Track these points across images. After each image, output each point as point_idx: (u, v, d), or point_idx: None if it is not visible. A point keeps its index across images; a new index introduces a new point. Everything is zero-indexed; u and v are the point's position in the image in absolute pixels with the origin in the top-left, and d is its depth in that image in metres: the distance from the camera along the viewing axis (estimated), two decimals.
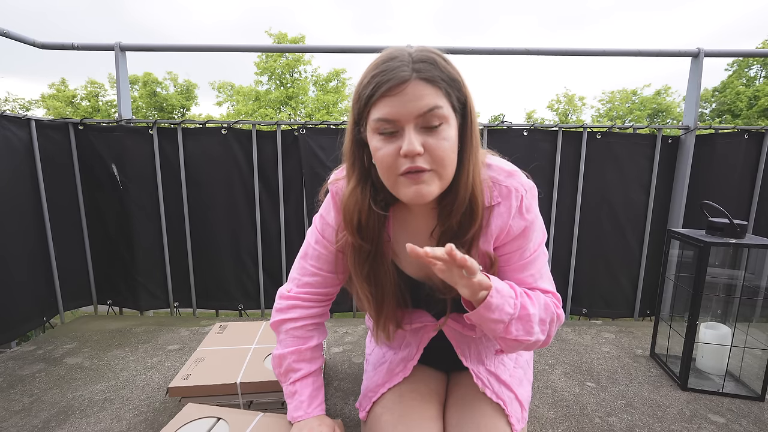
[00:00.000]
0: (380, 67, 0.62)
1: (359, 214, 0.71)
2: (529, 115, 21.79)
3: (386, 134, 0.63)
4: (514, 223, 0.71)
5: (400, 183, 0.65)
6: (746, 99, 16.55)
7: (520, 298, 0.68)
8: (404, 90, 0.61)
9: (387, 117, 0.62)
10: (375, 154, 0.66)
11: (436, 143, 0.62)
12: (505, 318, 0.66)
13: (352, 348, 1.55)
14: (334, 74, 17.79)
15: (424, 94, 0.61)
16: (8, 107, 17.74)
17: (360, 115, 0.67)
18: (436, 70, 0.62)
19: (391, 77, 0.61)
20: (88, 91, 19.64)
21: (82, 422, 1.10)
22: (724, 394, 1.24)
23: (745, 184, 1.88)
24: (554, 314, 0.72)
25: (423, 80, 0.61)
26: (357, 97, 0.66)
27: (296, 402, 0.81)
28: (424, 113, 0.61)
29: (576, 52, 1.92)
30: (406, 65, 0.61)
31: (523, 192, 0.71)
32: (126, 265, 1.92)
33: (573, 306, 2.00)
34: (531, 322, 0.68)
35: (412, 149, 0.61)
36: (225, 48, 2.02)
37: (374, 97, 0.62)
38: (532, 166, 1.83)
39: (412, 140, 0.61)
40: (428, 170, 0.63)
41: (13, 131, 1.60)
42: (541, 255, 0.76)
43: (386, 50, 0.65)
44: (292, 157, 1.89)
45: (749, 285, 1.26)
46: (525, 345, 0.70)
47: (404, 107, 0.61)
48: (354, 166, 0.72)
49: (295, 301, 0.84)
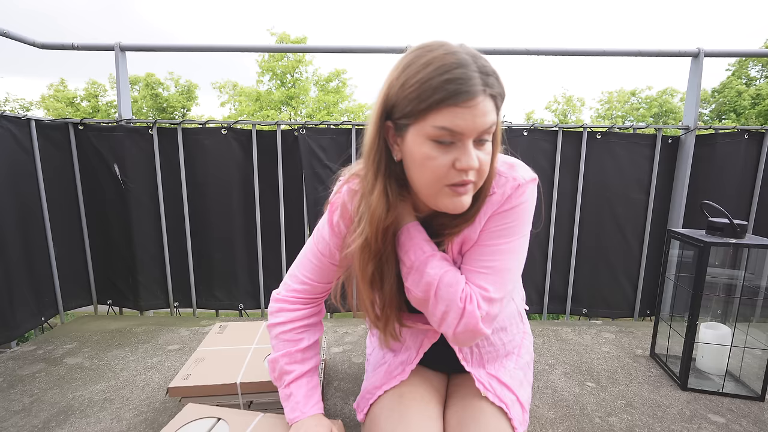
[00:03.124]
0: (452, 73, 0.58)
1: (387, 212, 0.69)
2: (528, 115, 21.78)
3: (442, 144, 0.61)
4: (502, 207, 0.72)
5: (444, 193, 0.64)
6: (749, 98, 16.51)
7: (433, 260, 0.70)
8: (477, 105, 0.59)
9: (452, 128, 0.59)
10: (423, 162, 0.63)
11: (484, 158, 0.63)
12: (406, 261, 0.72)
13: (352, 348, 1.55)
14: (334, 74, 17.79)
15: (489, 111, 0.60)
16: (8, 107, 17.73)
17: (409, 115, 0.62)
18: (499, 86, 0.62)
19: (467, 89, 0.58)
20: (88, 92, 19.65)
21: (82, 422, 1.10)
22: (724, 394, 1.24)
23: (745, 184, 1.88)
24: (459, 307, 0.68)
25: (490, 96, 0.60)
26: (416, 95, 0.60)
27: (292, 403, 0.81)
28: (486, 130, 0.61)
29: (576, 52, 1.92)
30: (477, 77, 0.59)
31: (521, 181, 0.71)
32: (126, 265, 1.92)
33: (573, 306, 2.00)
34: (429, 286, 0.70)
35: (473, 165, 0.61)
36: (226, 48, 2.02)
37: (444, 104, 0.59)
38: (532, 165, 1.84)
39: (474, 156, 0.61)
40: (472, 183, 0.65)
41: (13, 131, 1.60)
42: (512, 251, 0.72)
43: (445, 49, 0.60)
44: (292, 157, 1.89)
45: (749, 285, 1.26)
46: (425, 309, 0.73)
47: (473, 122, 0.59)
48: (379, 163, 0.68)
49: (281, 303, 0.85)
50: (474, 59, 0.60)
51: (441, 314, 0.70)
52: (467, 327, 0.69)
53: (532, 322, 1.67)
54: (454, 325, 0.69)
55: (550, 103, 21.53)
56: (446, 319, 0.70)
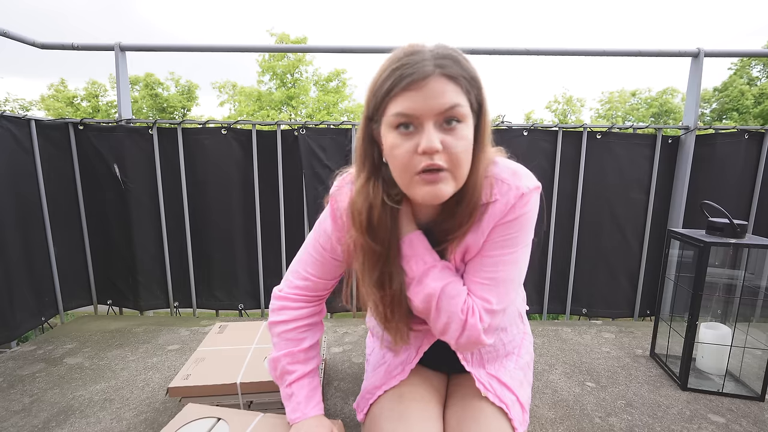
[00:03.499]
0: (402, 60, 0.60)
1: (370, 211, 0.69)
2: (527, 115, 21.78)
3: (403, 130, 0.62)
4: (505, 217, 0.70)
5: (416, 182, 0.63)
6: (752, 97, 16.49)
7: (434, 271, 0.71)
8: (426, 85, 0.59)
9: (406, 112, 0.60)
10: (391, 152, 0.64)
11: (454, 142, 0.61)
12: (408, 271, 0.72)
13: (352, 348, 1.55)
14: (334, 74, 17.78)
15: (446, 91, 0.59)
16: (8, 107, 17.73)
17: (376, 110, 0.64)
18: (459, 68, 0.61)
19: (413, 71, 0.59)
20: (88, 92, 19.64)
21: (82, 422, 1.10)
22: (724, 394, 1.24)
23: (745, 184, 1.88)
24: (461, 319, 0.69)
25: (445, 76, 0.60)
26: (374, 91, 0.64)
27: (293, 404, 0.81)
28: (444, 110, 0.60)
29: (576, 52, 1.92)
30: (428, 60, 0.60)
31: (525, 190, 0.69)
32: (126, 265, 1.92)
33: (573, 306, 2.00)
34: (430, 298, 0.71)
35: (432, 146, 0.59)
36: (226, 48, 2.02)
37: (394, 91, 0.60)
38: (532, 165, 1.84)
39: (432, 137, 0.59)
40: (445, 169, 0.62)
41: (13, 131, 1.60)
42: (514, 262, 0.72)
43: (405, 45, 0.63)
44: (292, 157, 1.89)
45: (749, 285, 1.26)
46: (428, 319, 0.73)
47: (425, 103, 0.59)
48: (365, 163, 0.70)
49: (284, 301, 0.84)
50: (431, 49, 0.61)
51: (443, 325, 0.71)
52: (470, 339, 0.70)
53: (532, 322, 1.67)
54: (456, 336, 0.70)
55: (551, 103, 21.53)
56: (448, 331, 0.71)
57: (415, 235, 0.73)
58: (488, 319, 0.70)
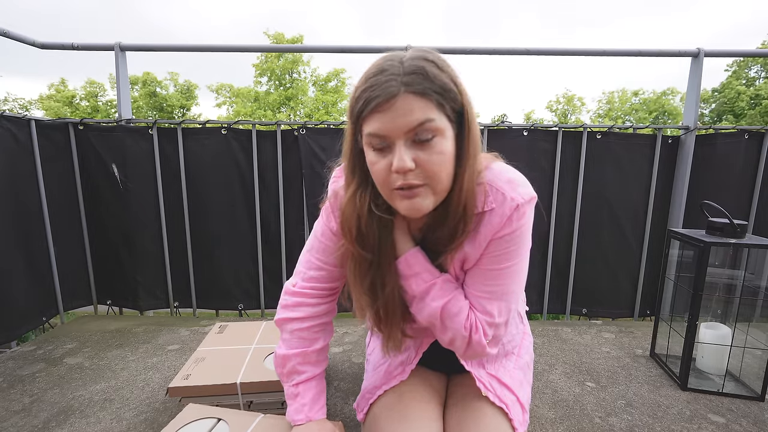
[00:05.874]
0: (370, 81, 0.61)
1: (358, 220, 0.70)
2: (527, 115, 21.77)
3: (378, 148, 0.62)
4: (502, 230, 0.69)
5: (395, 196, 0.64)
6: (747, 99, 16.51)
7: (434, 290, 0.71)
8: (393, 105, 0.59)
9: (377, 132, 0.61)
10: (371, 167, 0.65)
11: (428, 158, 0.61)
12: (408, 289, 0.73)
13: (352, 348, 1.55)
14: (333, 74, 17.79)
15: (414, 108, 0.59)
16: (8, 107, 17.72)
17: (355, 128, 0.66)
18: (427, 82, 0.60)
19: (379, 93, 0.59)
20: (88, 91, 19.63)
21: (82, 422, 1.10)
22: (724, 394, 1.24)
23: (745, 184, 1.88)
24: (465, 336, 0.71)
25: (412, 93, 0.59)
26: (350, 111, 0.65)
27: (298, 404, 0.80)
28: (413, 128, 0.60)
29: (576, 52, 1.92)
30: (395, 78, 0.59)
31: (520, 201, 0.68)
32: (126, 265, 1.92)
33: (573, 306, 2.00)
34: (433, 317, 0.72)
35: (402, 166, 0.60)
36: (225, 48, 2.02)
37: (364, 113, 0.61)
38: (532, 166, 1.84)
39: (403, 157, 0.60)
40: (421, 185, 0.62)
41: (13, 131, 1.60)
42: (514, 274, 0.72)
43: (379, 59, 0.63)
44: (292, 157, 1.89)
45: (749, 285, 1.26)
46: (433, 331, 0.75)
47: (393, 123, 0.59)
48: (354, 173, 0.70)
49: (300, 297, 0.82)
50: (402, 61, 0.60)
51: (449, 340, 0.73)
52: (475, 352, 0.73)
53: (532, 322, 1.67)
54: (462, 349, 0.73)
55: (551, 103, 21.55)
56: (454, 345, 0.74)
57: (410, 254, 0.72)
58: (492, 332, 0.72)
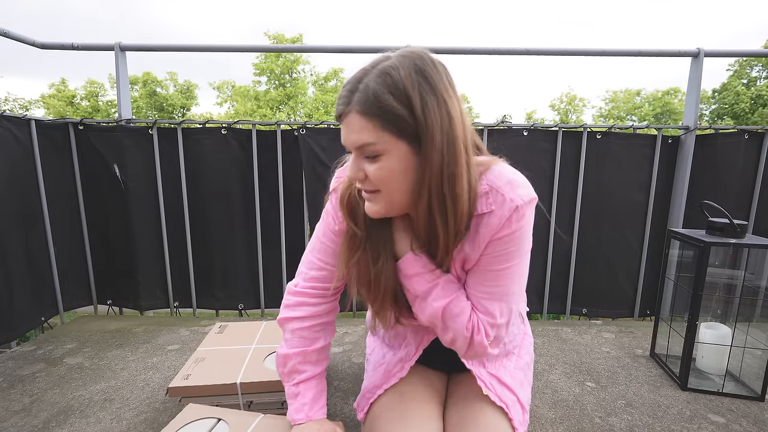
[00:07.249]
0: (341, 90, 0.65)
1: (350, 197, 0.73)
2: (529, 115, 21.77)
3: (349, 151, 0.67)
4: (501, 231, 0.69)
5: (361, 195, 0.70)
6: (748, 100, 16.48)
7: (435, 290, 0.72)
8: (344, 121, 0.64)
9: (341, 140, 0.66)
10: None
11: (373, 173, 0.64)
12: (410, 289, 0.73)
13: (352, 348, 1.55)
14: (332, 74, 17.78)
15: (358, 129, 0.62)
16: (8, 107, 17.72)
17: None
18: (375, 107, 0.60)
19: (337, 106, 0.65)
20: (88, 91, 19.64)
21: (82, 422, 1.10)
22: (724, 394, 1.24)
23: (745, 184, 1.88)
24: (467, 337, 0.71)
25: (358, 114, 0.61)
26: None
27: (298, 404, 0.80)
28: (358, 147, 0.64)
29: (576, 52, 1.92)
30: (348, 96, 0.62)
31: (520, 202, 0.67)
32: (126, 265, 1.92)
33: (573, 306, 2.00)
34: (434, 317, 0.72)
35: (352, 176, 0.67)
36: (225, 48, 2.02)
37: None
38: (532, 166, 1.84)
39: (353, 167, 0.66)
40: (375, 191, 0.67)
41: (13, 131, 1.60)
42: (514, 275, 0.72)
43: (362, 65, 0.65)
44: (292, 157, 1.89)
45: (749, 285, 1.26)
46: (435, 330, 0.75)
47: (346, 136, 0.64)
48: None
49: (302, 297, 0.83)
50: (366, 75, 0.61)
51: (450, 339, 0.73)
52: (477, 352, 0.73)
53: (532, 322, 1.67)
54: (464, 349, 0.74)
55: (554, 102, 21.56)
56: (455, 345, 0.74)
57: (409, 256, 0.73)
58: (493, 333, 0.72)
